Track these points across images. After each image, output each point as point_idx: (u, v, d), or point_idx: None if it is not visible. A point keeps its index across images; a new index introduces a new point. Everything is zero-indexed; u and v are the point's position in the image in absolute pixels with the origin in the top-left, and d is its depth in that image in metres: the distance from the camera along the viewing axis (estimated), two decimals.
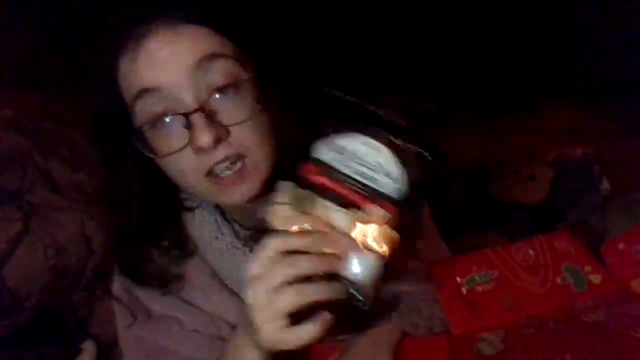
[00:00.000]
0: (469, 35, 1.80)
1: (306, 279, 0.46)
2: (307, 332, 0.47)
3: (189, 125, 0.52)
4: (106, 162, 0.62)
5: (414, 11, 1.79)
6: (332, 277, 0.47)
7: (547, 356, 0.60)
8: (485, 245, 0.78)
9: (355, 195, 0.47)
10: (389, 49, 1.78)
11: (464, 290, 0.72)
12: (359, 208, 0.47)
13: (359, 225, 0.46)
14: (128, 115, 0.55)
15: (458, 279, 0.73)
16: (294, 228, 0.47)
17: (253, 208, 0.64)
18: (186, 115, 0.52)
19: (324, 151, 0.49)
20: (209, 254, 0.65)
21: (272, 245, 0.47)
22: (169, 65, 0.52)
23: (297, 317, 0.48)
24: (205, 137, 0.51)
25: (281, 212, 0.47)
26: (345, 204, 0.47)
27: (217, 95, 0.53)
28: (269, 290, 0.46)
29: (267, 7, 0.63)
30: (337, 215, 0.47)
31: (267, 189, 0.55)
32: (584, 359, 0.58)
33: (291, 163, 0.52)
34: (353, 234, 0.46)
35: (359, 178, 0.47)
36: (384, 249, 0.46)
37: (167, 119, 0.53)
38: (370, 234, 0.46)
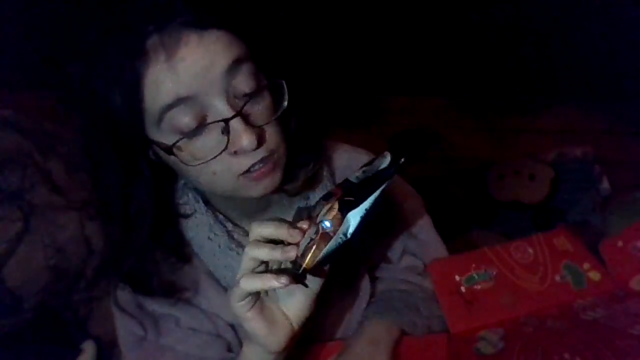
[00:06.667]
0: (470, 36, 1.81)
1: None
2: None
3: (227, 131, 0.53)
4: (99, 174, 0.60)
5: (419, 12, 1.79)
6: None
7: (546, 354, 0.59)
8: (485, 246, 0.77)
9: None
10: (394, 50, 1.79)
11: (463, 288, 0.72)
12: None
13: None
14: (142, 125, 0.54)
15: (457, 277, 0.73)
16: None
17: (248, 207, 0.66)
18: (226, 121, 0.53)
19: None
20: (204, 254, 0.66)
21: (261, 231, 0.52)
22: (202, 73, 0.52)
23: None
24: (247, 141, 0.53)
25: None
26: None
27: (247, 99, 0.54)
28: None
29: (279, 10, 0.64)
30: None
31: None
32: (583, 356, 0.57)
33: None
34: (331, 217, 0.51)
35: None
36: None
37: (205, 127, 0.53)
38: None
